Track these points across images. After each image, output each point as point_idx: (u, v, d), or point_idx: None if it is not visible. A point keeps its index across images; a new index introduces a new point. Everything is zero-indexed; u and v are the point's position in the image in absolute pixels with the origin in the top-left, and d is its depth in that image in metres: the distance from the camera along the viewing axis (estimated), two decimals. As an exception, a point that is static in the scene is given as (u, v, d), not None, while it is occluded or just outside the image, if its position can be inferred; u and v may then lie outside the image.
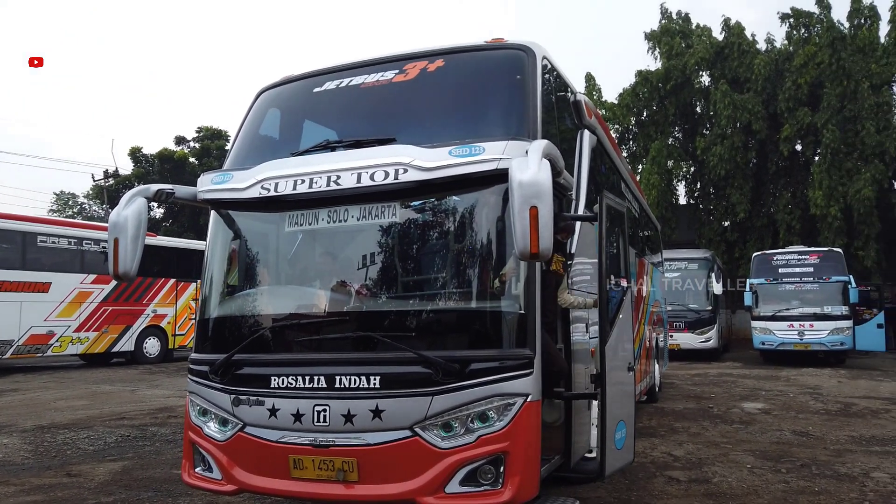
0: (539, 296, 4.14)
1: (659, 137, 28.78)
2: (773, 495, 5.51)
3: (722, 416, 9.56)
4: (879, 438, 7.99)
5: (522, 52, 4.73)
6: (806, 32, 26.93)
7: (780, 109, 25.19)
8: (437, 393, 3.92)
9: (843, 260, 18.94)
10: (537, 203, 3.56)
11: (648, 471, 6.32)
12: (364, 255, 4.53)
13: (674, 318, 19.65)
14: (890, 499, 5.38)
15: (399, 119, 4.84)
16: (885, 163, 23.29)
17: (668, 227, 28.30)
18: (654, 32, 29.78)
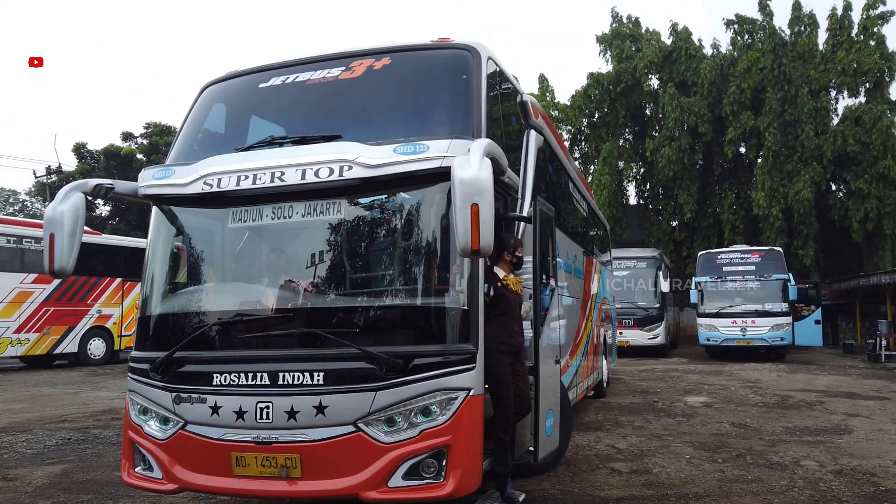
0: (482, 291, 4.21)
1: (610, 139, 29.40)
2: (709, 484, 5.72)
3: (666, 410, 9.84)
4: (812, 429, 8.35)
5: (467, 51, 4.80)
6: (749, 38, 27.96)
7: (725, 113, 26.04)
8: (380, 388, 3.95)
9: (783, 259, 19.68)
10: (478, 200, 3.63)
11: (592, 463, 6.48)
12: (309, 251, 4.53)
13: (623, 316, 20.09)
14: (817, 485, 5.64)
15: (345, 116, 4.85)
16: (822, 165, 24.31)
17: (618, 226, 28.93)
18: (606, 35, 30.38)
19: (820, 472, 6.08)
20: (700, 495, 5.42)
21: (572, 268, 8.45)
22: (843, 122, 24.82)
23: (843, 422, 8.85)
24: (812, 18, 27.57)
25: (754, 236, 25.79)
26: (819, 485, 5.64)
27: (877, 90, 25.34)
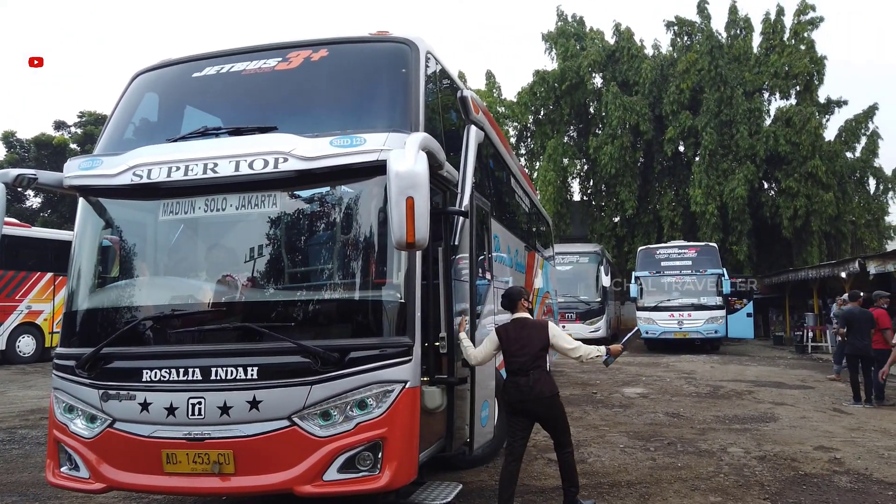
0: (419, 284, 4.23)
1: (555, 136, 29.83)
2: (641, 472, 5.91)
3: (604, 401, 10.10)
4: (741, 417, 8.71)
5: (406, 45, 4.80)
6: (689, 40, 28.75)
7: (665, 112, 26.77)
8: (316, 382, 3.94)
9: (717, 254, 20.40)
10: (413, 194, 3.65)
11: (530, 454, 6.59)
12: (243, 245, 4.46)
13: (566, 310, 20.49)
14: (742, 470, 5.90)
15: (281, 107, 4.79)
16: (756, 164, 25.27)
17: (563, 222, 29.47)
18: (551, 34, 30.78)
19: (745, 458, 6.35)
20: (632, 483, 5.59)
21: (514, 262, 8.57)
22: (774, 123, 25.85)
23: (769, 410, 9.26)
24: (747, 22, 28.57)
25: (692, 232, 26.61)
26: (743, 470, 5.90)
27: (806, 93, 26.46)
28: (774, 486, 5.43)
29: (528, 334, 4.87)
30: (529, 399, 4.73)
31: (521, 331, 4.89)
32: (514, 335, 4.88)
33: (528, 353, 4.80)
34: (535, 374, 4.77)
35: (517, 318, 5.02)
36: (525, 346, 4.82)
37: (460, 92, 6.30)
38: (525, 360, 4.80)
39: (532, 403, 4.75)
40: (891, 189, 27.28)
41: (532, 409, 4.78)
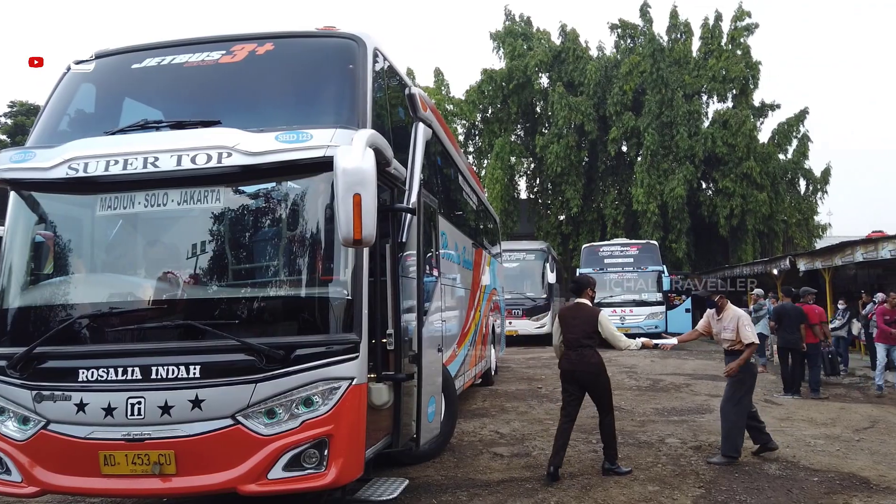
0: (366, 281, 4.23)
1: (502, 134, 30.13)
2: (584, 463, 6.06)
3: (548, 396, 10.27)
4: (678, 409, 9.02)
5: (353, 41, 4.79)
6: (631, 43, 29.47)
7: (609, 113, 27.39)
8: (260, 380, 3.90)
9: (658, 251, 21.03)
10: (360, 190, 3.66)
11: (476, 448, 6.68)
12: (186, 241, 4.38)
13: (512, 306, 20.71)
14: (679, 460, 6.13)
15: (225, 101, 4.72)
16: (694, 165, 26.14)
17: (510, 219, 29.81)
18: (499, 33, 31.05)
19: (682, 448, 6.59)
20: (574, 474, 5.73)
21: (461, 259, 8.63)
22: (712, 125, 26.77)
23: (705, 402, 9.61)
24: (687, 27, 29.50)
25: (634, 230, 27.32)
26: (680, 460, 6.12)
27: (742, 96, 27.52)
28: (709, 474, 5.66)
29: (581, 317, 5.84)
30: (578, 370, 5.72)
31: (577, 313, 5.90)
32: (570, 316, 5.94)
33: (578, 332, 5.76)
34: (583, 350, 5.72)
35: (577, 302, 6.05)
36: (577, 326, 5.80)
37: (408, 89, 6.34)
38: (575, 337, 5.78)
39: (579, 374, 5.73)
40: (820, 190, 28.62)
41: (579, 378, 5.75)
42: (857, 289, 18.06)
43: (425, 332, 5.19)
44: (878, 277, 18.75)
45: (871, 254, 13.21)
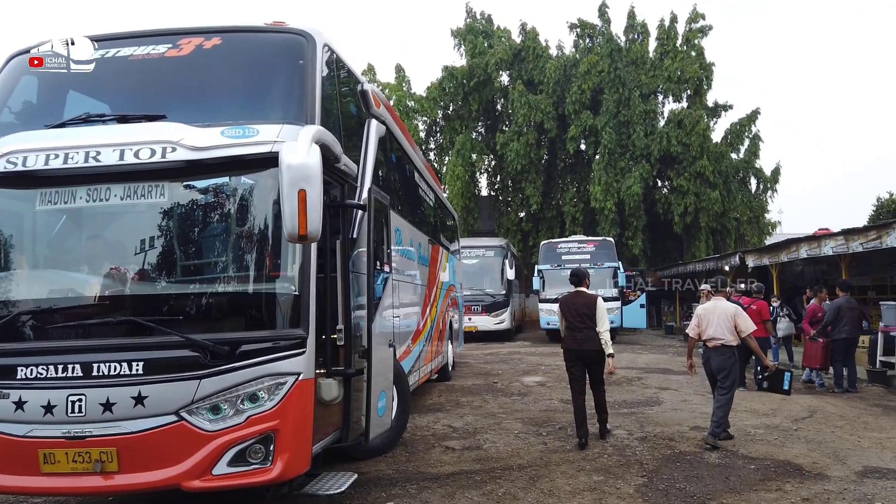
0: (314, 276, 4.25)
1: (463, 131, 30.22)
2: (532, 456, 6.19)
3: (503, 390, 10.42)
4: (628, 402, 9.24)
5: (302, 37, 4.80)
6: (590, 42, 29.84)
7: (568, 111, 27.68)
8: (205, 376, 3.90)
9: (613, 248, 21.39)
10: (305, 186, 3.68)
11: (429, 442, 6.75)
12: (129, 237, 4.33)
13: (471, 302, 20.88)
14: (624, 451, 6.30)
15: (171, 96, 4.67)
16: (650, 163, 26.63)
17: (471, 216, 29.97)
18: (460, 30, 31.13)
19: (628, 439, 6.78)
20: (523, 466, 5.85)
21: (416, 255, 8.68)
22: (667, 125, 27.28)
23: (654, 395, 9.87)
24: (644, 27, 29.98)
25: (592, 227, 27.72)
26: (626, 451, 6.30)
27: (696, 97, 28.12)
28: (652, 464, 5.83)
29: (583, 302, 6.79)
30: (585, 349, 6.66)
31: (578, 300, 6.85)
32: (572, 302, 6.85)
33: (581, 316, 6.70)
34: (586, 332, 6.65)
35: (577, 290, 6.99)
36: (580, 311, 6.73)
37: (360, 85, 6.35)
38: (579, 320, 6.71)
39: (583, 353, 6.68)
40: (770, 188, 29.47)
41: (585, 356, 6.71)
42: (804, 284, 18.73)
43: (376, 328, 5.24)
44: (822, 273, 19.43)
45: (815, 250, 13.71)
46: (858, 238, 11.79)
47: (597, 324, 6.73)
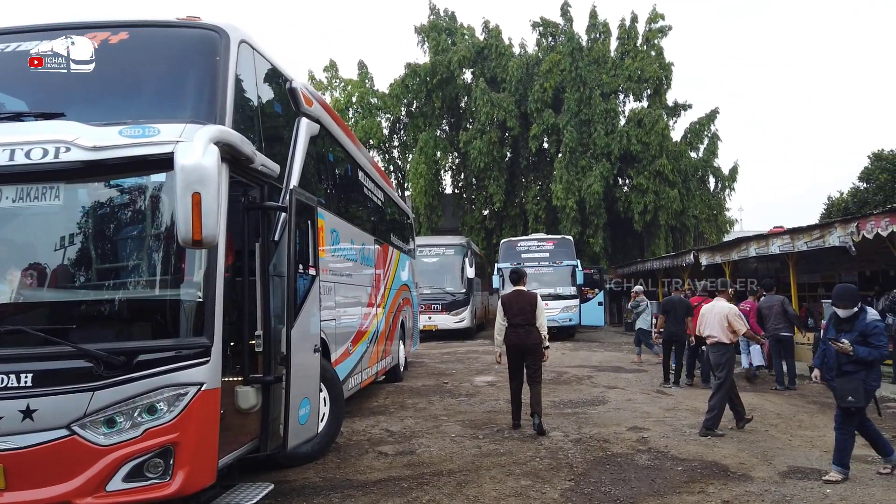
0: (220, 283, 4.10)
1: (427, 129, 30.08)
2: (465, 460, 6.10)
3: (452, 391, 10.34)
4: (574, 402, 9.23)
5: (215, 32, 4.63)
6: (553, 41, 29.94)
7: (530, 110, 27.73)
8: (99, 388, 3.72)
9: (572, 246, 21.49)
10: (200, 189, 3.53)
11: (363, 447, 6.63)
12: (20, 240, 4.14)
13: (431, 301, 20.83)
14: (557, 453, 6.26)
15: (72, 93, 4.45)
16: (611, 162, 26.80)
17: (434, 214, 29.86)
18: (424, 27, 30.97)
19: (563, 441, 6.74)
20: (453, 471, 5.76)
21: (358, 256, 8.54)
22: (628, 124, 27.50)
23: (601, 394, 9.89)
24: (606, 27, 30.16)
25: (554, 225, 27.84)
26: (558, 453, 6.26)
27: (656, 96, 28.41)
28: (582, 466, 5.80)
29: (523, 301, 7.37)
30: (525, 343, 7.30)
31: (519, 299, 7.42)
32: (515, 300, 7.41)
33: (523, 313, 7.30)
34: (528, 328, 7.28)
35: (517, 289, 7.58)
36: (522, 309, 7.32)
37: (289, 83, 6.21)
38: (521, 318, 7.30)
39: (526, 347, 7.31)
40: (728, 187, 29.92)
41: (524, 350, 7.34)
42: (757, 282, 19.03)
43: (297, 333, 5.07)
44: (776, 271, 19.76)
45: (763, 249, 13.94)
46: (803, 237, 11.99)
47: (536, 319, 7.34)
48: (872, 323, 5.20)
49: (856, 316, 5.29)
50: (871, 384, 5.23)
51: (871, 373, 5.21)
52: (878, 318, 5.34)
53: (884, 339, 5.19)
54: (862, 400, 5.12)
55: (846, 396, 5.12)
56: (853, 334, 5.21)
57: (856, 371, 5.17)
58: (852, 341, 5.16)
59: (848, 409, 5.18)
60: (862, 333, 5.18)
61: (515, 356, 7.48)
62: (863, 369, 5.16)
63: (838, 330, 5.37)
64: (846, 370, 5.22)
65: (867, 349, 5.12)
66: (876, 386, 5.35)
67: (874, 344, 5.13)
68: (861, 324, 5.22)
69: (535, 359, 7.38)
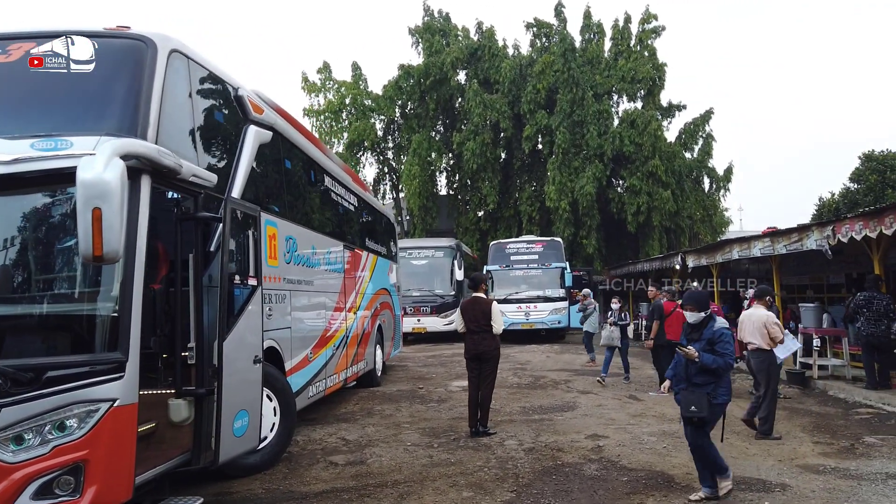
0: (138, 297, 4.05)
1: (421, 130, 30.01)
2: (413, 470, 6.04)
3: (424, 397, 10.28)
4: (544, 408, 9.16)
5: (142, 42, 4.61)
6: (546, 42, 29.85)
7: (524, 111, 27.69)
8: (5, 405, 3.68)
9: (562, 248, 21.42)
10: (100, 204, 3.49)
11: (315, 457, 6.57)
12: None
13: (420, 304, 20.80)
14: (506, 463, 6.19)
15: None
16: (603, 163, 26.70)
17: (429, 215, 29.81)
18: (418, 28, 30.96)
19: (516, 450, 6.67)
20: (398, 482, 5.70)
21: (322, 263, 8.49)
22: (621, 125, 27.40)
23: (573, 399, 9.81)
24: (600, 27, 30.12)
25: (548, 227, 27.77)
26: (508, 463, 6.19)
27: (650, 96, 28.31)
28: (527, 477, 5.73)
29: (478, 308, 7.49)
30: (479, 350, 7.43)
31: (475, 306, 7.54)
32: (470, 307, 7.57)
33: (477, 320, 7.43)
34: (483, 334, 7.41)
35: (474, 296, 7.69)
36: (477, 316, 7.44)
37: (235, 91, 6.16)
38: (475, 325, 7.43)
39: (480, 353, 7.43)
40: (722, 187, 29.77)
41: (480, 356, 7.44)
42: (747, 284, 18.89)
43: (231, 344, 5.03)
44: (767, 272, 19.62)
45: (745, 252, 13.83)
46: (783, 240, 11.88)
47: (492, 326, 7.44)
48: (720, 330, 4.97)
49: (704, 323, 5.08)
50: (719, 398, 4.94)
51: (718, 385, 4.94)
52: (726, 327, 5.08)
53: (730, 348, 4.92)
54: (705, 411, 4.84)
55: (689, 406, 4.88)
56: (702, 343, 4.98)
57: (704, 384, 4.92)
58: (700, 350, 4.93)
59: (691, 420, 4.92)
60: (709, 342, 4.95)
61: (472, 362, 7.58)
62: (712, 381, 4.92)
63: (689, 339, 5.13)
64: (695, 382, 4.96)
65: (712, 356, 4.87)
66: (725, 400, 5.01)
67: (720, 352, 4.88)
68: (709, 331, 5.00)
69: (489, 365, 7.50)
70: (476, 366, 7.52)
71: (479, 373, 7.50)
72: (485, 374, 7.50)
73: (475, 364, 7.52)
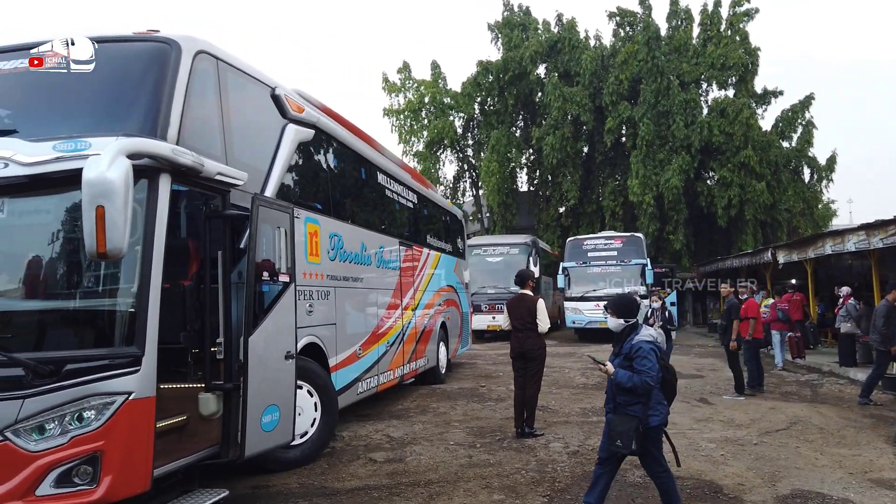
0: (157, 293, 4.14)
1: (500, 127, 29.76)
2: (448, 470, 5.90)
3: (483, 395, 10.11)
4: (598, 409, 8.74)
5: (167, 45, 4.72)
6: (630, 31, 28.82)
7: (605, 103, 26.89)
8: (28, 396, 3.85)
9: (643, 244, 20.56)
10: (104, 202, 3.57)
11: (356, 453, 6.56)
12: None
13: (495, 301, 20.55)
14: (545, 466, 5.93)
15: (28, 110, 4.66)
16: (690, 155, 25.46)
17: (509, 212, 29.56)
18: (498, 23, 30.75)
19: (559, 453, 6.39)
20: (432, 482, 5.59)
21: (373, 260, 8.49)
22: (710, 114, 26.05)
23: (638, 401, 9.33)
24: (688, 13, 28.79)
25: (632, 222, 26.83)
26: (547, 466, 5.93)
27: (741, 84, 26.75)
28: (564, 481, 5.46)
29: (524, 305, 7.25)
30: (523, 349, 7.25)
31: (520, 303, 7.31)
32: (515, 304, 7.34)
33: (522, 318, 7.21)
34: (527, 332, 7.20)
35: (521, 293, 7.43)
36: (522, 313, 7.22)
37: (273, 90, 6.24)
38: (520, 322, 7.21)
39: (523, 352, 7.25)
40: (825, 178, 27.71)
41: (524, 355, 7.26)
42: (851, 280, 17.43)
43: (259, 340, 5.07)
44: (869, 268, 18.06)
45: (839, 246, 12.75)
46: (878, 233, 10.86)
47: (538, 324, 7.20)
48: (638, 343, 4.17)
49: (626, 334, 4.34)
50: (650, 420, 4.15)
51: (647, 406, 4.13)
52: (647, 340, 4.21)
53: (649, 364, 4.06)
54: (630, 447, 4.09)
55: (615, 439, 4.14)
56: (621, 357, 4.28)
57: (629, 404, 4.16)
58: (618, 365, 4.25)
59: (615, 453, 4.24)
60: (626, 356, 4.21)
61: (517, 361, 7.40)
62: (637, 402, 4.12)
63: (613, 351, 4.46)
64: (619, 401, 4.22)
65: (627, 374, 4.11)
66: (658, 422, 4.21)
67: (637, 368, 4.08)
68: (627, 344, 4.25)
69: (535, 364, 7.28)
70: (521, 365, 7.32)
71: (525, 372, 7.28)
72: (530, 373, 7.27)
73: (520, 363, 7.33)
